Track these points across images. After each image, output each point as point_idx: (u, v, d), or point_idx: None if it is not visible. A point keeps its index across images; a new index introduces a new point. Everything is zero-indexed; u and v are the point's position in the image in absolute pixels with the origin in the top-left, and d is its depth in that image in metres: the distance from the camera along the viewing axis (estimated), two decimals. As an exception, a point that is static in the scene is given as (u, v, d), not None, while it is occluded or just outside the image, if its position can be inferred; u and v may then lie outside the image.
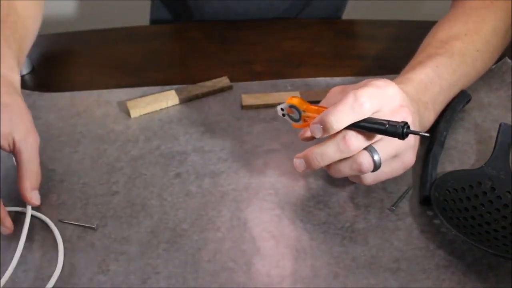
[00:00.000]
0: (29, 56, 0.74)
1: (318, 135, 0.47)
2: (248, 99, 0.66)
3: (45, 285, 0.45)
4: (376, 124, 0.45)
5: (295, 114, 0.51)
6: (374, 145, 0.47)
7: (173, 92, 0.66)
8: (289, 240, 0.49)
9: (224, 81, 0.68)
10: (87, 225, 0.51)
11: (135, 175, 0.56)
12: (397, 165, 0.49)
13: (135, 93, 0.66)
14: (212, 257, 0.48)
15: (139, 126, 0.63)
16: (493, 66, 0.70)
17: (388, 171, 0.49)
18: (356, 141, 0.46)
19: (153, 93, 0.66)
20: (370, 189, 0.54)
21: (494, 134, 0.55)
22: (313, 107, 0.50)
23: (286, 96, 0.66)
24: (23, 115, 0.52)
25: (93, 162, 0.58)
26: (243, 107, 0.65)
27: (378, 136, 0.47)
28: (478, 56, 0.62)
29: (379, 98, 0.47)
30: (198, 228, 0.50)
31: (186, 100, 0.66)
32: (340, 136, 0.46)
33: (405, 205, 0.52)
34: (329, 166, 0.49)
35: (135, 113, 0.64)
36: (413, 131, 0.45)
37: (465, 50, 0.60)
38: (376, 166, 0.47)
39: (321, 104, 0.52)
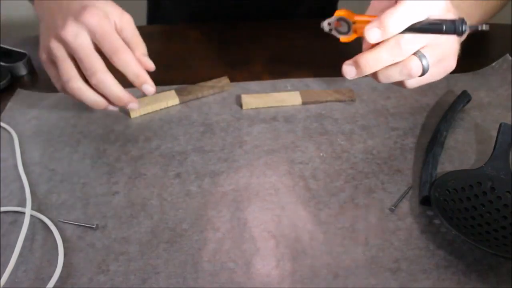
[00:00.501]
0: (29, 56, 0.74)
1: (376, 38, 0.47)
2: (248, 99, 0.65)
3: (45, 285, 0.45)
4: (433, 25, 0.47)
5: (343, 27, 0.51)
6: (422, 50, 0.49)
7: (173, 92, 0.66)
8: (289, 240, 0.49)
9: (224, 81, 0.68)
10: (87, 225, 0.51)
11: (135, 175, 0.56)
12: (440, 70, 0.52)
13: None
14: (212, 257, 0.48)
15: (139, 126, 0.63)
16: (494, 63, 0.71)
17: (431, 75, 0.51)
18: (410, 45, 0.48)
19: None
20: (370, 190, 0.54)
21: (494, 134, 0.55)
22: (362, 16, 0.50)
23: (286, 96, 0.66)
24: (112, 2, 0.56)
25: (93, 162, 0.58)
26: (243, 107, 0.65)
27: (427, 41, 0.48)
28: None
29: (429, 2, 0.47)
30: (198, 228, 0.50)
31: (186, 100, 0.66)
32: (393, 40, 0.47)
33: (405, 205, 0.52)
34: (377, 72, 0.50)
35: (135, 113, 0.64)
36: (472, 25, 0.46)
37: None
38: (425, 71, 0.49)
39: (367, 11, 0.52)
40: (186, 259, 0.47)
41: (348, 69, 0.50)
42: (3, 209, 0.52)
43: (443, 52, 0.50)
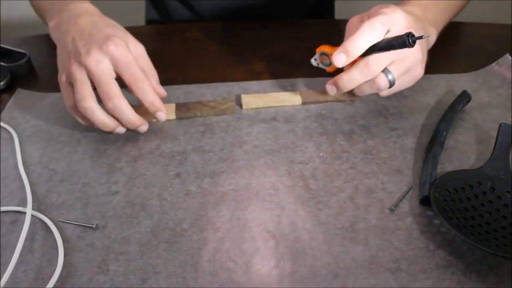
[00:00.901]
0: (29, 56, 0.74)
1: (342, 63, 0.56)
2: (248, 99, 0.65)
3: (45, 285, 0.45)
4: (388, 43, 0.55)
5: (326, 60, 0.62)
6: (388, 67, 0.57)
7: (172, 106, 0.65)
8: (289, 240, 0.49)
9: (228, 103, 0.65)
10: (87, 225, 0.51)
11: (135, 175, 0.56)
12: (408, 78, 0.59)
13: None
14: (212, 257, 0.48)
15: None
16: (494, 63, 0.71)
17: (400, 84, 0.59)
18: (377, 64, 0.56)
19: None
20: (370, 190, 0.54)
21: (494, 134, 0.55)
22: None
23: (286, 96, 0.66)
24: (129, 33, 0.61)
25: (93, 162, 0.58)
26: (243, 107, 0.65)
27: (392, 59, 0.56)
28: None
29: (389, 22, 0.55)
30: (198, 228, 0.50)
31: (183, 117, 0.64)
32: (362, 63, 0.56)
33: (405, 205, 0.52)
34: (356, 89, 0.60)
35: None
36: (418, 36, 0.53)
37: None
38: (391, 84, 0.58)
39: (345, 38, 0.61)
40: (186, 259, 0.47)
41: (329, 88, 0.62)
42: (3, 208, 0.52)
43: (408, 65, 0.58)
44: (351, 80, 0.58)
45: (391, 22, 0.55)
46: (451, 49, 0.68)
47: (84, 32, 0.58)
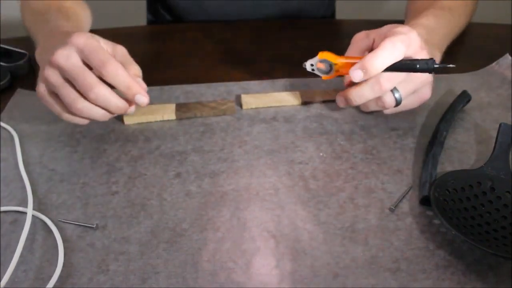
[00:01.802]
0: (29, 56, 0.74)
1: (359, 78, 0.54)
2: (248, 99, 0.65)
3: (45, 285, 0.45)
4: (409, 64, 0.54)
5: (326, 67, 0.58)
6: (396, 85, 0.56)
7: (172, 107, 0.65)
8: (289, 240, 0.49)
9: (228, 104, 0.65)
10: (87, 224, 0.51)
11: (135, 175, 0.56)
12: (415, 99, 0.58)
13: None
14: (212, 257, 0.48)
15: (139, 126, 0.63)
16: (494, 63, 0.71)
17: (406, 104, 0.58)
18: (388, 82, 0.55)
19: (153, 94, 0.66)
20: (370, 190, 0.54)
21: (494, 134, 0.55)
22: (343, 58, 0.57)
23: (286, 96, 0.66)
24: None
25: (93, 162, 0.58)
26: (243, 107, 0.65)
27: (403, 77, 0.55)
28: (461, 12, 0.74)
29: (407, 42, 0.54)
30: (198, 228, 0.50)
31: (183, 117, 0.64)
32: (374, 79, 0.55)
33: (405, 205, 0.52)
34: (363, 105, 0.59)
35: (129, 120, 0.63)
36: (441, 65, 0.54)
37: (452, 6, 0.71)
38: (397, 103, 0.57)
39: (347, 51, 0.61)
40: (186, 259, 0.47)
41: (339, 101, 0.60)
42: (3, 208, 0.52)
43: (416, 85, 0.57)
44: (361, 95, 0.56)
45: (408, 43, 0.55)
46: (451, 49, 0.68)
47: (56, 43, 0.55)
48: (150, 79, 0.70)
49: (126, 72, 0.53)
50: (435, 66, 0.53)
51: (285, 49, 0.78)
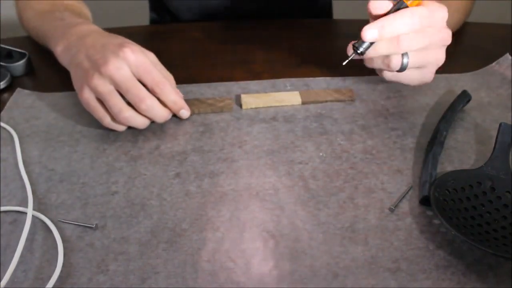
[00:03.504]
0: (29, 56, 0.74)
1: (370, 38, 0.55)
2: (247, 99, 0.65)
3: (45, 285, 0.45)
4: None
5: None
6: (410, 51, 0.56)
7: None
8: (288, 240, 0.49)
9: (226, 101, 0.66)
10: (86, 224, 0.51)
11: (135, 175, 0.56)
12: (418, 76, 0.59)
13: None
14: (212, 257, 0.48)
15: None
16: (494, 63, 0.71)
17: (408, 76, 0.59)
18: (406, 45, 0.54)
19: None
20: (370, 190, 0.54)
21: (494, 134, 0.55)
22: None
23: (286, 96, 0.66)
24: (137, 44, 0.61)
25: (92, 162, 0.58)
26: (243, 107, 0.65)
27: (419, 46, 0.55)
28: (455, 9, 0.73)
29: (426, 20, 0.55)
30: (198, 228, 0.50)
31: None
32: (394, 37, 0.54)
33: (405, 205, 0.52)
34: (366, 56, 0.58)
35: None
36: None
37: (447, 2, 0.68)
38: (402, 68, 0.57)
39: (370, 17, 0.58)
40: (185, 259, 0.47)
41: (348, 48, 0.58)
42: (3, 208, 0.52)
43: (426, 60, 0.57)
44: (375, 49, 0.56)
45: (428, 21, 0.55)
46: (451, 49, 0.68)
47: (96, 46, 0.59)
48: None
49: (174, 90, 0.60)
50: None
51: (285, 49, 0.78)
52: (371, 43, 0.56)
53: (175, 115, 0.63)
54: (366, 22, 0.59)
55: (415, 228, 0.50)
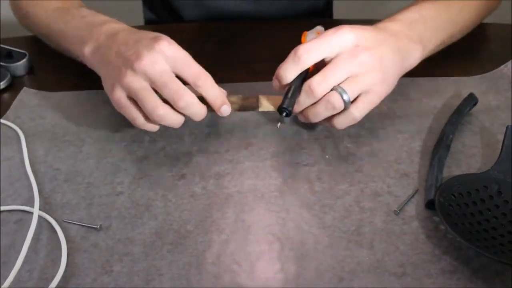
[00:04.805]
0: (29, 56, 0.74)
1: (277, 88, 0.56)
2: (266, 102, 0.60)
3: (49, 285, 0.45)
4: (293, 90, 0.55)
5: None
6: (342, 84, 0.53)
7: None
8: (294, 243, 0.49)
9: (250, 99, 0.60)
10: (91, 225, 0.51)
11: (140, 175, 0.56)
12: (371, 103, 0.55)
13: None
14: (216, 259, 0.47)
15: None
16: (502, 66, 0.70)
17: (361, 108, 0.54)
18: (320, 87, 0.52)
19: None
20: (376, 193, 0.53)
21: (502, 137, 0.55)
22: None
23: None
24: None
25: (97, 162, 0.58)
26: (260, 109, 0.60)
27: (346, 75, 0.53)
28: (463, 6, 0.67)
29: (323, 48, 0.53)
30: (203, 230, 0.50)
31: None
32: (306, 86, 0.53)
33: (411, 209, 0.52)
34: (307, 113, 0.55)
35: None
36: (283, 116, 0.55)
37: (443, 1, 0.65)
38: (346, 102, 0.53)
39: None
40: (190, 261, 0.47)
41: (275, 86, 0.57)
42: (8, 207, 0.52)
43: (364, 84, 0.53)
44: (299, 104, 0.54)
45: (328, 46, 0.53)
46: (450, 49, 0.68)
47: (129, 42, 0.55)
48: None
49: (215, 83, 0.55)
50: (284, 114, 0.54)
51: (285, 49, 0.77)
52: (294, 100, 0.54)
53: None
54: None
55: (421, 233, 0.49)
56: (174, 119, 0.54)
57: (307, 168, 0.56)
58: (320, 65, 0.54)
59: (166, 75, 0.52)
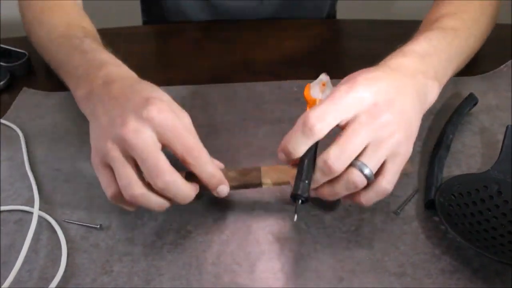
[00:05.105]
0: (29, 56, 0.74)
1: (284, 161, 0.47)
2: (268, 175, 0.51)
3: (49, 285, 0.45)
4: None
5: None
6: (362, 158, 0.44)
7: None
8: (294, 243, 0.49)
9: (253, 173, 0.51)
10: (91, 225, 0.51)
11: (140, 175, 0.56)
12: (398, 169, 0.47)
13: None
14: (216, 259, 0.47)
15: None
16: (502, 66, 0.70)
17: (392, 177, 0.46)
18: (338, 163, 0.44)
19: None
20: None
21: (502, 137, 0.55)
22: None
23: None
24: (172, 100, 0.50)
25: (98, 162, 0.58)
26: (263, 185, 0.51)
27: (365, 142, 0.45)
28: (470, 34, 0.61)
29: (337, 113, 0.45)
30: (203, 230, 0.50)
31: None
32: (321, 161, 0.44)
33: (411, 209, 0.52)
34: (321, 191, 0.47)
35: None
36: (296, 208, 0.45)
37: (456, 26, 0.59)
38: (369, 178, 0.45)
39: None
40: (190, 261, 0.47)
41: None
42: (8, 207, 0.52)
43: (387, 151, 0.45)
44: (314, 182, 0.46)
45: (343, 110, 0.45)
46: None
47: (119, 99, 0.48)
48: (150, 79, 0.70)
49: (211, 159, 0.47)
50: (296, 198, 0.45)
51: (286, 49, 0.78)
52: (309, 183, 0.45)
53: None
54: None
55: (421, 233, 0.49)
56: (152, 202, 0.46)
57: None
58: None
59: (148, 148, 0.44)
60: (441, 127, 0.60)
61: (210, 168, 0.47)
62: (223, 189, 0.47)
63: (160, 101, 0.46)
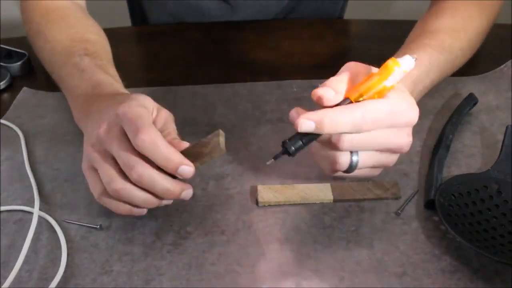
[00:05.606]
0: (29, 56, 0.74)
1: (304, 129, 0.46)
2: (265, 194, 0.53)
3: (49, 285, 0.45)
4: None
5: None
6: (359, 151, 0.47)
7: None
8: (294, 243, 0.49)
9: (212, 142, 0.47)
10: (91, 225, 0.51)
11: (140, 175, 0.56)
12: (369, 173, 0.50)
13: (137, 93, 0.65)
14: (217, 259, 0.47)
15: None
16: (502, 66, 0.70)
17: (357, 174, 0.49)
18: (349, 146, 0.45)
19: (158, 95, 0.65)
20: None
21: (502, 137, 0.55)
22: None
23: (313, 190, 0.54)
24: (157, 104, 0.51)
25: (97, 162, 0.58)
26: (259, 204, 0.53)
27: (366, 149, 0.47)
28: (460, 55, 0.63)
29: (387, 119, 0.45)
30: (203, 231, 0.50)
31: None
32: (335, 137, 0.45)
33: (411, 209, 0.52)
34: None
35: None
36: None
37: (451, 47, 0.61)
38: (351, 169, 0.47)
39: (338, 75, 0.48)
40: (190, 262, 0.47)
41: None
42: (8, 207, 0.52)
43: (378, 163, 0.48)
44: (310, 149, 0.48)
45: (388, 122, 0.45)
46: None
47: (102, 110, 0.49)
48: (150, 79, 0.70)
49: (165, 142, 0.44)
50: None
51: (286, 49, 0.78)
52: (305, 144, 0.46)
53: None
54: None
55: (421, 233, 0.49)
56: (136, 196, 0.45)
57: (307, 168, 0.56)
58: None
59: (119, 143, 0.45)
60: (441, 127, 0.60)
61: (164, 150, 0.44)
62: (184, 169, 0.45)
63: (132, 100, 0.47)
